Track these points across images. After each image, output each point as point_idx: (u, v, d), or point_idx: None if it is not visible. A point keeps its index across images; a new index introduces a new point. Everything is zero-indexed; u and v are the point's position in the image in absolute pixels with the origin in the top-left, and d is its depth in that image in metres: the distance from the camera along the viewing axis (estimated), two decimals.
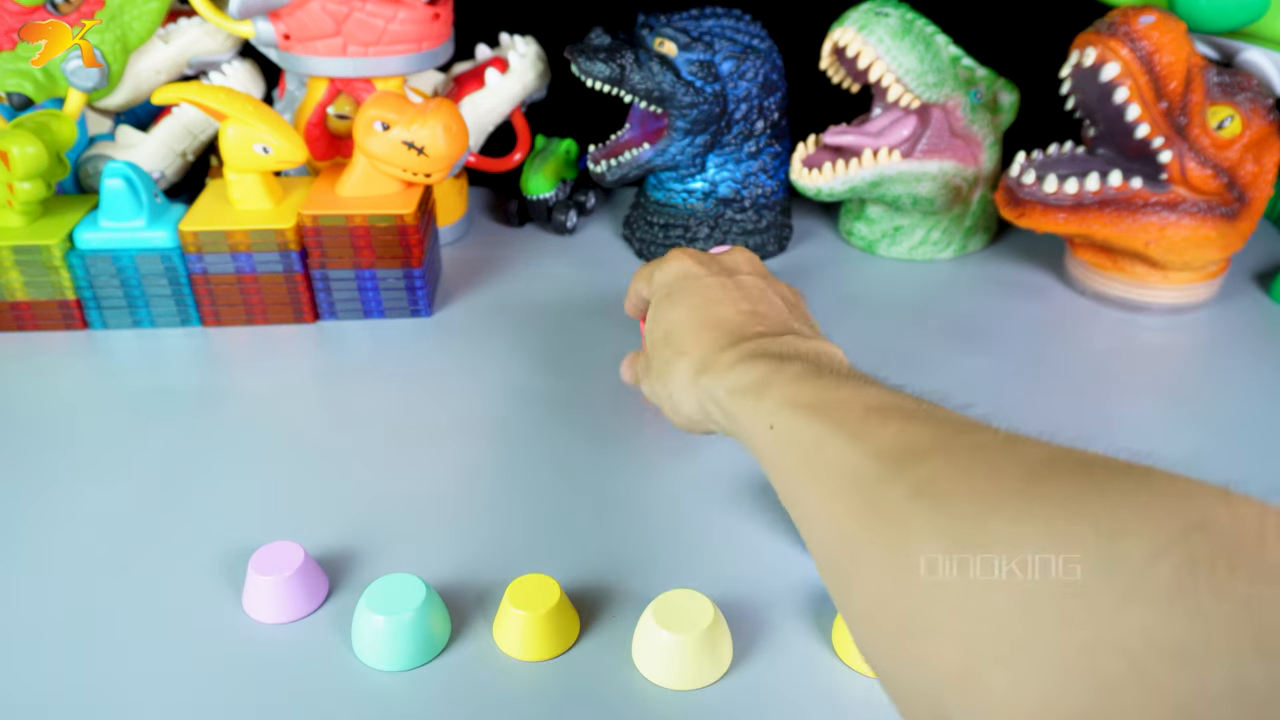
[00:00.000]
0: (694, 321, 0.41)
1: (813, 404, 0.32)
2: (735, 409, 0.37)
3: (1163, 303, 0.65)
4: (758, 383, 0.36)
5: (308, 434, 0.54)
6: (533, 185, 0.76)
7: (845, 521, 0.28)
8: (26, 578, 0.44)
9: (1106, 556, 0.20)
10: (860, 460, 0.29)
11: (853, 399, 0.32)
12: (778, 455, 0.33)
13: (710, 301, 0.42)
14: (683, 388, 0.40)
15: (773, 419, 0.34)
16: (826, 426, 0.31)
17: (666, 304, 0.43)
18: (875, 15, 0.64)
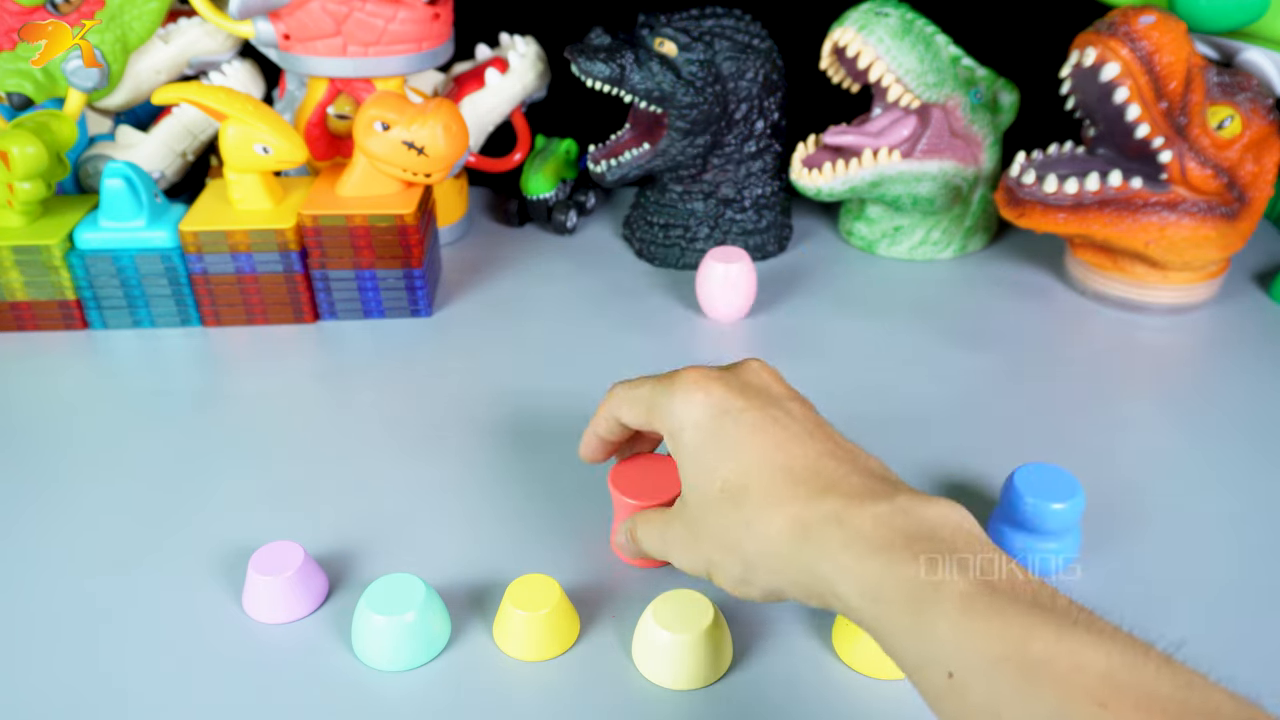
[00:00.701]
0: (763, 474, 0.34)
1: (1012, 657, 0.26)
2: (877, 618, 0.30)
3: (1163, 303, 0.65)
4: (912, 597, 0.29)
5: (308, 434, 0.54)
6: (533, 185, 0.76)
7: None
8: (26, 577, 0.44)
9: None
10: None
11: (1068, 660, 0.26)
12: (966, 709, 0.27)
13: (774, 446, 0.34)
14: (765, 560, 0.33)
15: (952, 665, 0.27)
16: (1051, 711, 0.25)
17: (712, 451, 0.35)
18: (875, 15, 0.64)
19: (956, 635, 0.27)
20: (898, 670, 0.39)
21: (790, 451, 0.34)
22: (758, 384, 0.38)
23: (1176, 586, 0.43)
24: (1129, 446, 0.53)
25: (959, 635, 0.27)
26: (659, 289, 0.69)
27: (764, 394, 0.37)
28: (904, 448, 0.52)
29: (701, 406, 0.36)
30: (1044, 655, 0.26)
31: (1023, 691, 0.26)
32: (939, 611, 0.28)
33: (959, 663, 0.27)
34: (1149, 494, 0.49)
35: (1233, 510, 0.48)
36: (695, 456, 0.36)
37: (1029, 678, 0.26)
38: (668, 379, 0.38)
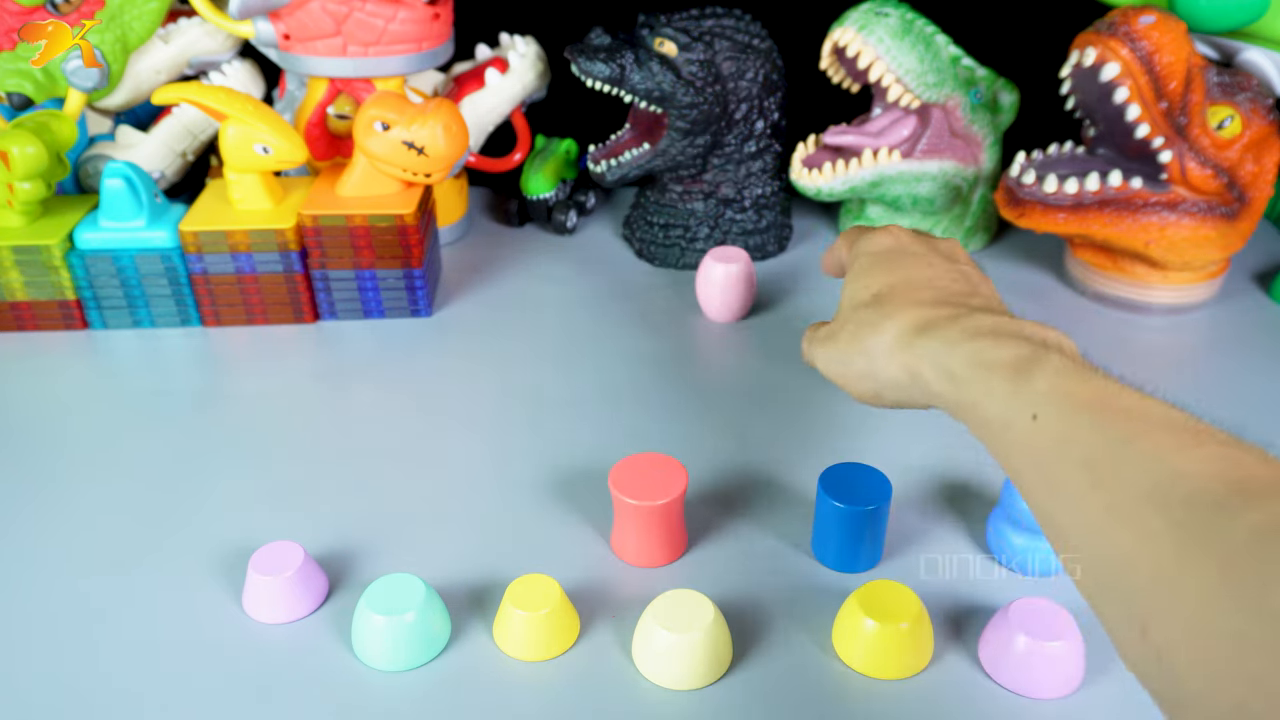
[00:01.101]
0: (911, 285, 0.39)
1: (1093, 403, 0.30)
2: (976, 382, 0.33)
3: (1163, 303, 0.65)
4: (1016, 363, 0.33)
5: (308, 434, 0.54)
6: (533, 185, 0.76)
7: (1151, 547, 0.26)
8: (26, 577, 0.44)
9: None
10: (1174, 483, 0.26)
11: (1143, 407, 0.29)
12: (1039, 449, 0.30)
13: (928, 269, 0.40)
14: (889, 348, 0.37)
15: (1038, 408, 0.31)
16: (1118, 432, 0.28)
17: (877, 269, 0.41)
18: (875, 15, 0.64)
19: (1050, 388, 0.31)
20: (898, 670, 0.39)
21: (936, 277, 0.39)
22: (944, 247, 0.43)
23: None
24: None
25: (1052, 387, 0.31)
26: (659, 289, 0.69)
27: (941, 249, 0.42)
28: (904, 447, 0.52)
29: (884, 243, 0.42)
30: (1127, 404, 0.29)
31: (1096, 422, 0.29)
32: (1040, 372, 0.32)
33: (1047, 408, 0.30)
34: None
35: None
36: (862, 273, 0.41)
37: (1104, 413, 0.29)
38: (876, 226, 0.45)
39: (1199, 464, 0.26)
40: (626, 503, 0.43)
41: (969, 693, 0.39)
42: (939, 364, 0.35)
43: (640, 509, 0.42)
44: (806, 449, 0.51)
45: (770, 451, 0.52)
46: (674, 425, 0.54)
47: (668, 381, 0.58)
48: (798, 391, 0.57)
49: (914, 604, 0.39)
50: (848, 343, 0.39)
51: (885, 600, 0.39)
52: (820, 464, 0.46)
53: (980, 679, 0.39)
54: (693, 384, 0.58)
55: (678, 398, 0.57)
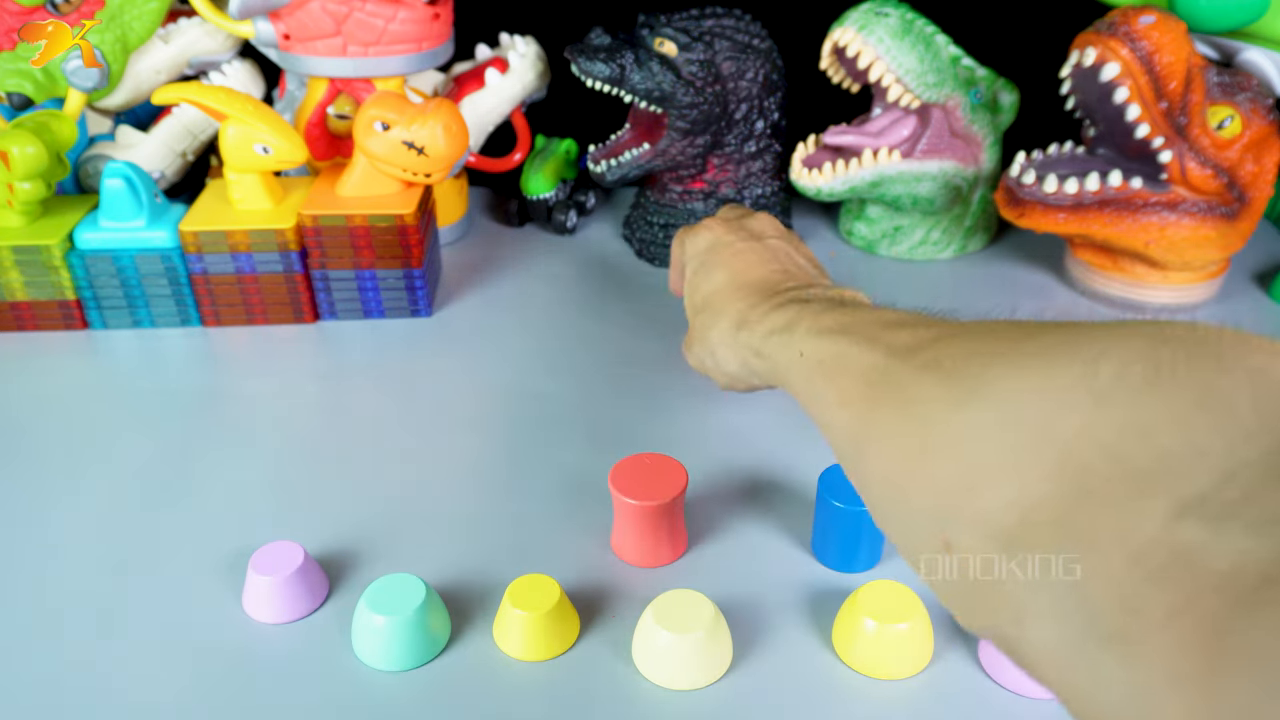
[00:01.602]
0: (730, 285, 0.45)
1: (835, 327, 0.35)
2: (770, 349, 0.39)
3: (1163, 303, 0.65)
4: (789, 322, 0.39)
5: (308, 434, 0.54)
6: (533, 185, 0.76)
7: (860, 406, 0.31)
8: (26, 577, 0.44)
9: (1086, 374, 0.23)
10: (875, 358, 0.32)
11: (872, 318, 0.35)
12: (806, 376, 0.36)
13: (744, 266, 0.45)
14: (725, 346, 0.43)
15: (801, 346, 0.37)
16: (847, 340, 0.34)
17: (702, 273, 0.47)
18: (875, 15, 0.64)
19: (807, 327, 0.37)
20: (898, 670, 0.39)
21: (751, 271, 0.45)
22: (754, 228, 0.48)
23: None
24: None
25: (809, 326, 0.37)
26: (659, 289, 0.69)
27: (752, 234, 0.48)
28: None
29: (704, 242, 0.48)
30: (857, 322, 0.35)
31: (836, 339, 0.35)
32: (801, 321, 0.38)
33: (805, 342, 0.37)
34: None
35: None
36: (692, 279, 0.48)
37: (844, 331, 0.35)
38: (696, 225, 0.50)
39: (896, 341, 0.31)
40: (626, 503, 0.43)
41: (969, 693, 0.39)
42: (754, 349, 0.41)
43: (640, 509, 0.42)
44: (806, 449, 0.51)
45: (770, 451, 0.52)
46: (674, 425, 0.54)
47: (668, 381, 0.58)
48: None
49: (914, 604, 0.39)
50: (698, 345, 0.46)
51: (885, 600, 0.39)
52: (820, 464, 0.46)
53: (980, 679, 0.39)
54: (693, 384, 0.58)
55: (678, 398, 0.57)
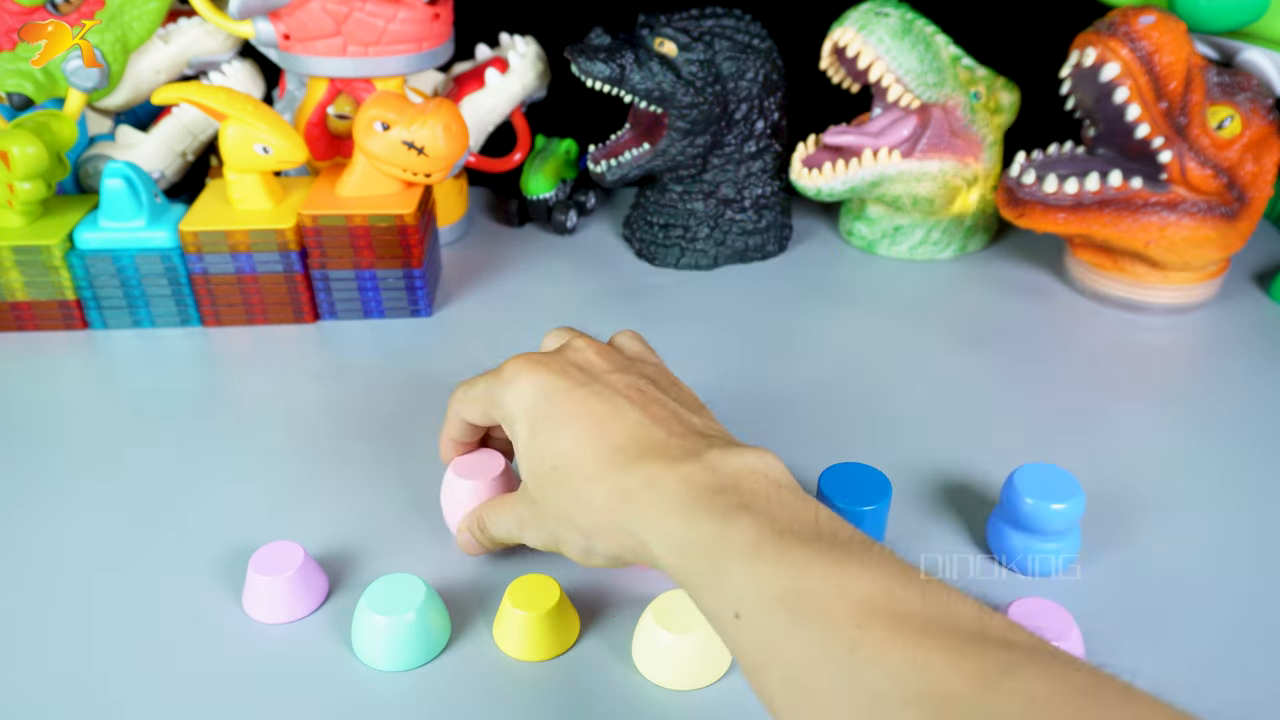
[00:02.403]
0: (585, 452, 0.36)
1: (787, 596, 0.28)
2: (682, 571, 0.32)
3: (1163, 303, 0.65)
4: (705, 547, 0.31)
5: (308, 434, 0.54)
6: (533, 185, 0.76)
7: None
8: (26, 577, 0.44)
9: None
10: (867, 701, 0.25)
11: (835, 590, 0.28)
12: (750, 654, 0.29)
13: (596, 420, 0.36)
14: (597, 532, 0.35)
15: (738, 606, 0.29)
16: (814, 638, 0.27)
17: (542, 434, 0.37)
18: (875, 15, 0.64)
19: (742, 578, 0.29)
20: None
21: (608, 425, 0.36)
22: (581, 362, 0.40)
23: (1176, 586, 0.43)
24: (1129, 446, 0.53)
25: (744, 578, 0.29)
26: (659, 289, 0.69)
27: (586, 371, 0.39)
28: (904, 447, 0.52)
29: (529, 394, 0.38)
30: (814, 588, 0.28)
31: (793, 624, 0.27)
32: (730, 558, 0.30)
33: (744, 604, 0.29)
34: (1149, 494, 0.49)
35: (1233, 510, 0.48)
36: (529, 443, 0.38)
37: (799, 610, 0.28)
38: (497, 372, 0.40)
39: (890, 671, 0.25)
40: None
41: None
42: (645, 547, 0.33)
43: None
44: (806, 449, 0.51)
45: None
46: None
47: None
48: (798, 391, 0.57)
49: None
50: (554, 521, 0.37)
51: None
52: (820, 464, 0.46)
53: None
54: (692, 384, 0.58)
55: None
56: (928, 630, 0.26)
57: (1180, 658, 0.40)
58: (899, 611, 0.27)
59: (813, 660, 0.27)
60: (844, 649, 0.26)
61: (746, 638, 0.29)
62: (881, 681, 0.25)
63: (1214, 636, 0.41)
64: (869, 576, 0.28)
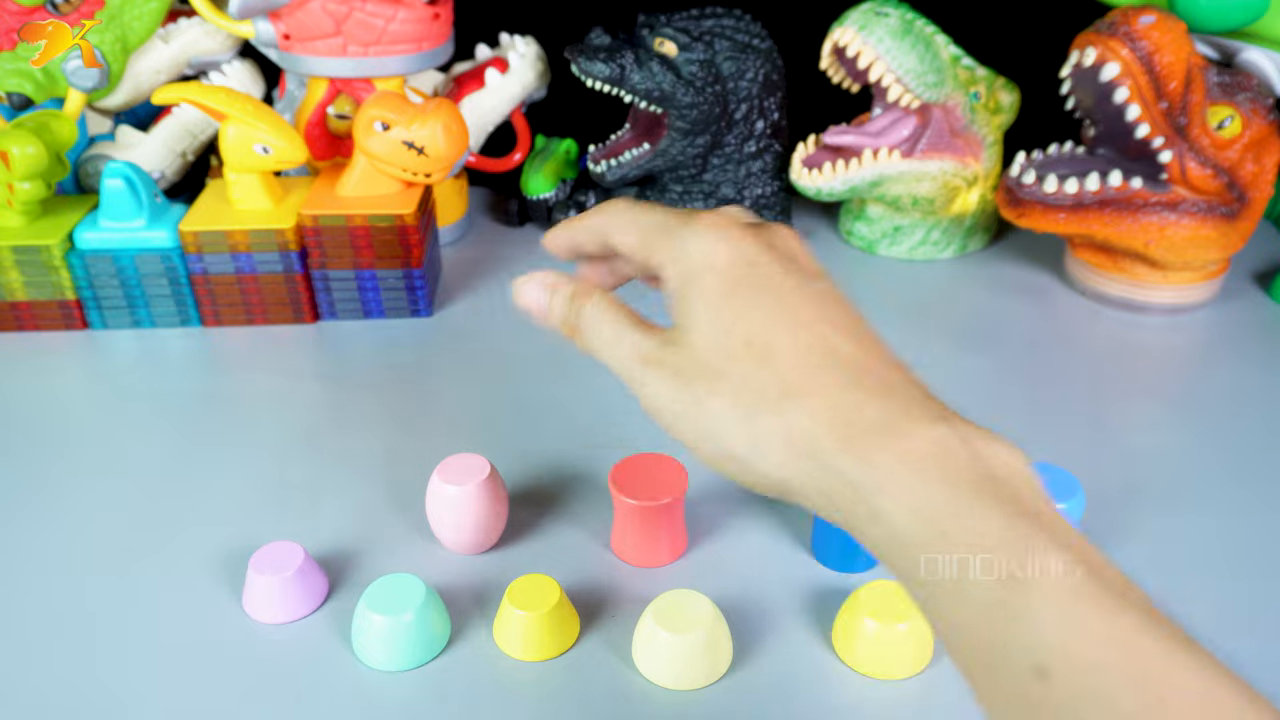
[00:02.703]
0: (799, 345, 0.28)
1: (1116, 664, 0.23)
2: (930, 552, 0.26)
3: (1163, 303, 0.65)
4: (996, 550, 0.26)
5: (308, 434, 0.54)
6: (533, 185, 0.76)
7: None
8: (26, 577, 0.44)
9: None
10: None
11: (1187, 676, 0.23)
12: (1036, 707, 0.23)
13: (811, 318, 0.29)
14: (788, 443, 0.27)
15: (1043, 658, 0.23)
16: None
17: (740, 302, 0.29)
18: (875, 15, 0.64)
19: (1058, 626, 0.23)
20: (898, 670, 0.39)
21: (832, 330, 0.29)
22: (784, 249, 0.32)
23: (1176, 586, 0.43)
24: (1129, 446, 0.53)
25: (1061, 627, 0.23)
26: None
27: (793, 262, 0.31)
28: None
29: (727, 251, 0.30)
30: (1144, 667, 0.23)
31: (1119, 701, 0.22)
32: (1035, 590, 0.24)
33: (1053, 659, 0.23)
34: (1149, 494, 0.49)
35: (1233, 510, 0.48)
36: (716, 303, 0.30)
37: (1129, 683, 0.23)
38: (686, 214, 0.33)
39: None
40: (627, 503, 0.43)
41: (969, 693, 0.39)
42: (865, 502, 0.26)
43: (641, 509, 0.42)
44: None
45: None
46: None
47: None
48: None
49: (914, 604, 0.39)
50: (725, 407, 0.28)
51: (885, 601, 0.39)
52: None
53: None
54: None
55: None
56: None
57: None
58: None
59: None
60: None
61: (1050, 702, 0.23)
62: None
63: (1215, 636, 0.41)
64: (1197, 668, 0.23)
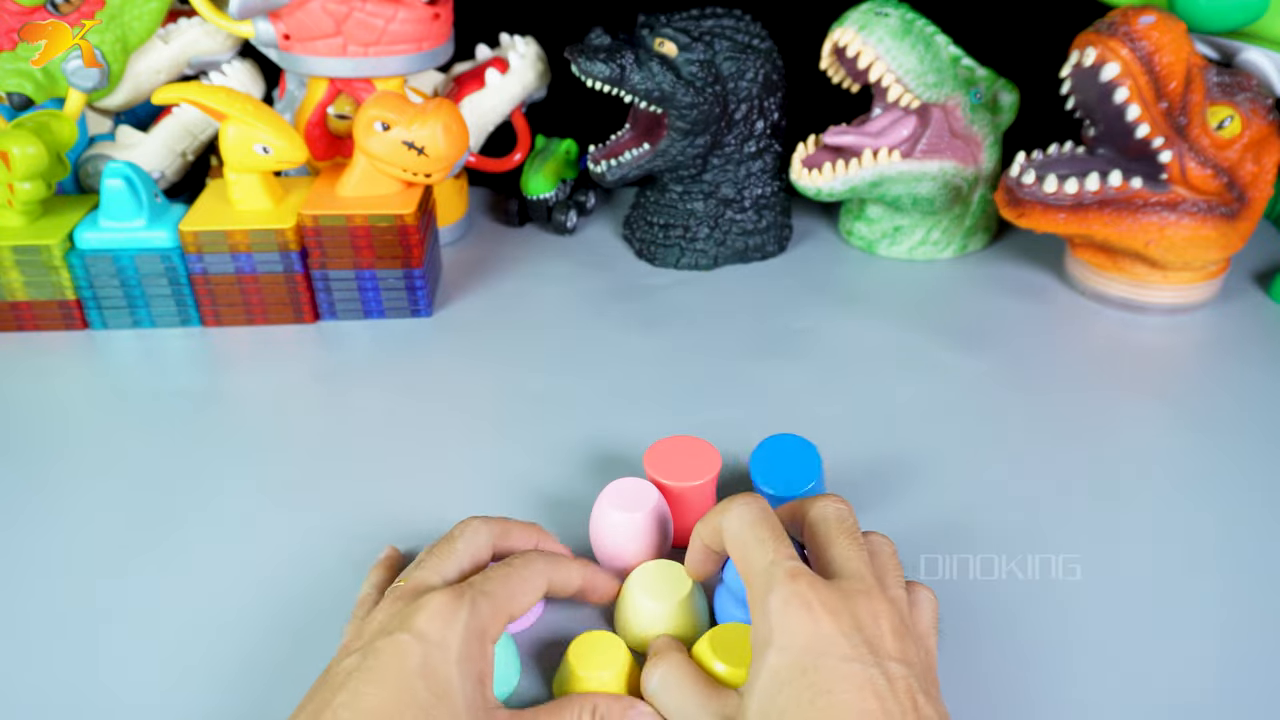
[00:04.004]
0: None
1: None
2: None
3: (1163, 303, 0.65)
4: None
5: (308, 434, 0.54)
6: (533, 185, 0.76)
7: None
8: (25, 578, 0.44)
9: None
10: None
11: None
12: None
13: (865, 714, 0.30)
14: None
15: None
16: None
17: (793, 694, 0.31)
18: (875, 15, 0.64)
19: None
20: None
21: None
22: (870, 626, 0.33)
23: (1176, 586, 0.43)
24: (1129, 446, 0.53)
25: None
26: (659, 289, 0.69)
27: (871, 644, 0.32)
28: (903, 447, 0.52)
29: (800, 632, 0.32)
30: None
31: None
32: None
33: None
34: (1148, 493, 0.49)
35: (1233, 510, 0.48)
36: (771, 690, 0.32)
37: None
38: (784, 572, 0.33)
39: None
40: (665, 485, 0.44)
41: None
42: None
43: (677, 491, 0.44)
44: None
45: None
46: (675, 425, 0.54)
47: (668, 381, 0.58)
48: (799, 391, 0.57)
49: None
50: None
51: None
52: (823, 459, 0.46)
53: None
54: (692, 384, 0.58)
55: (678, 398, 0.57)
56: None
57: (1180, 657, 0.40)
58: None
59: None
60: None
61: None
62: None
63: (1215, 636, 0.41)
64: None
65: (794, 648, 0.32)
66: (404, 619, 0.34)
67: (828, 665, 0.31)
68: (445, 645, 0.33)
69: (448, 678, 0.33)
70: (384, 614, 0.35)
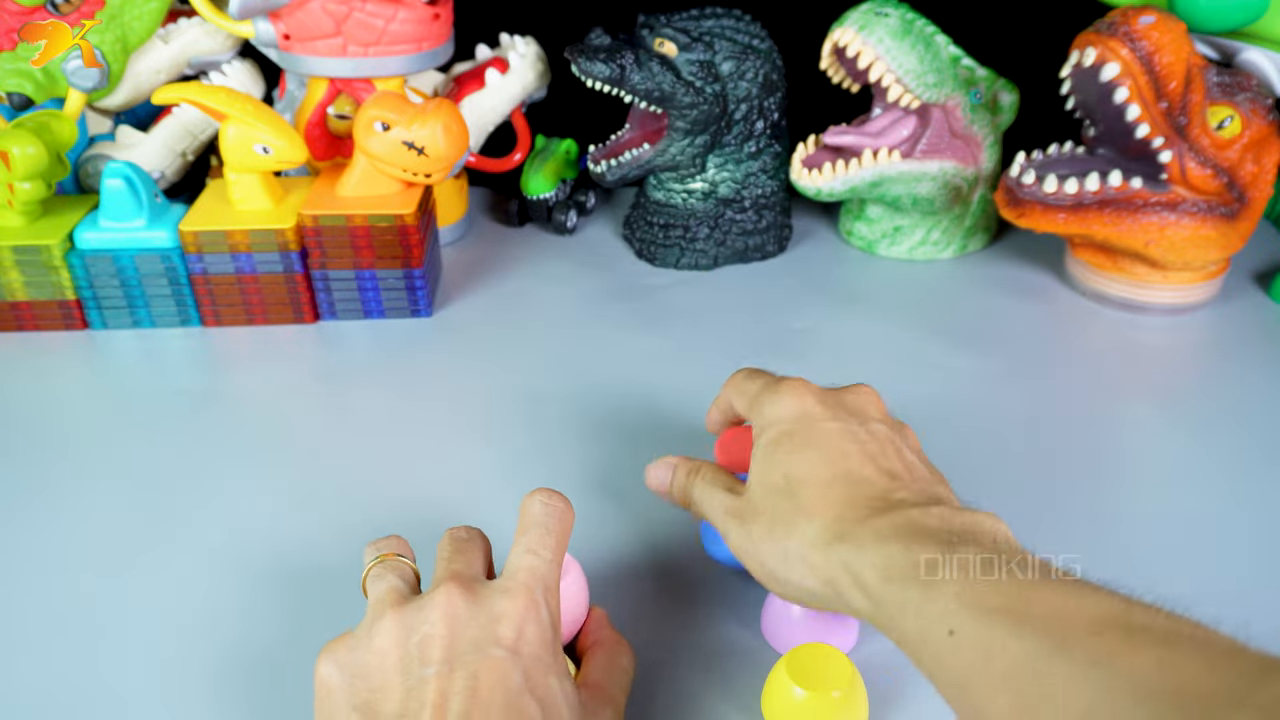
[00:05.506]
0: (823, 476, 0.35)
1: (1012, 609, 0.27)
2: (889, 597, 0.30)
3: (1163, 303, 0.65)
4: (928, 568, 0.30)
5: (308, 434, 0.54)
6: (533, 185, 0.76)
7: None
8: (25, 578, 0.44)
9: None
10: (1116, 703, 0.23)
11: (1066, 605, 0.27)
12: (962, 668, 0.27)
13: (841, 454, 0.35)
14: (803, 555, 0.33)
15: (952, 622, 0.28)
16: (1043, 644, 0.26)
17: (785, 447, 0.36)
18: (875, 15, 0.64)
19: (960, 597, 0.29)
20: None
21: (854, 462, 0.35)
22: (853, 404, 0.38)
23: (1176, 586, 0.43)
24: (1129, 446, 0.53)
25: (963, 596, 0.28)
26: (659, 289, 0.69)
27: (856, 413, 0.38)
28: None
29: (789, 409, 0.38)
30: (1044, 601, 0.27)
31: (1019, 631, 0.26)
32: (947, 581, 0.29)
33: (960, 619, 0.28)
34: (1148, 494, 0.49)
35: (1233, 510, 0.48)
36: (769, 450, 0.37)
37: (1026, 620, 0.27)
38: (776, 382, 0.40)
39: (1140, 677, 0.24)
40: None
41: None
42: (855, 578, 0.32)
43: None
44: None
45: None
46: (675, 425, 0.54)
47: (668, 381, 0.58)
48: None
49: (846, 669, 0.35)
50: (762, 537, 0.35)
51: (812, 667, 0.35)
52: None
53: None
54: (692, 384, 0.58)
55: (678, 397, 0.57)
56: (1172, 641, 0.25)
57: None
58: (1138, 624, 0.25)
59: (1039, 662, 0.25)
60: (1079, 650, 0.25)
61: (961, 652, 0.28)
62: (1122, 679, 0.24)
63: None
64: (1096, 598, 0.27)
65: (785, 420, 0.37)
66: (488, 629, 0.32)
67: (807, 426, 0.37)
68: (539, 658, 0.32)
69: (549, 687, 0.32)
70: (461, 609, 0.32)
